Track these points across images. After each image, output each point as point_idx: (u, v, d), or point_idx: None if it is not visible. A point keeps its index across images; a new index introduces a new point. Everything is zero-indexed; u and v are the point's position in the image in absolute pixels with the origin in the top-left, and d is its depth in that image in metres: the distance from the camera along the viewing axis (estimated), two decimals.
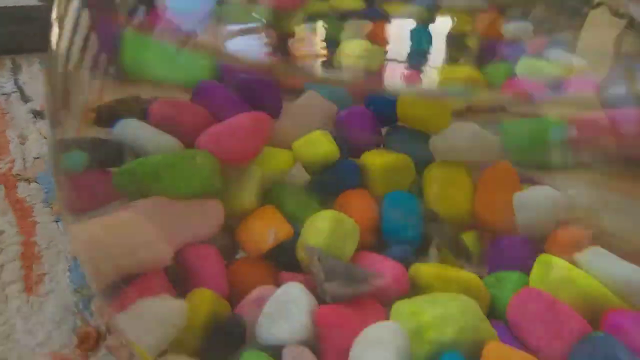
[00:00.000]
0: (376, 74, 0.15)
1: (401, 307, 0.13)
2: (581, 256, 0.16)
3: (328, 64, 0.14)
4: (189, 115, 0.15)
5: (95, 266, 0.13)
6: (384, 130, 0.19)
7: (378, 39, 0.15)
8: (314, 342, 0.12)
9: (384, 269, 0.13)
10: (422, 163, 0.18)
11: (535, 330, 0.13)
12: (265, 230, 0.13)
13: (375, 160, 0.16)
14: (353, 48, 0.14)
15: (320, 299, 0.12)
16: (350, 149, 0.18)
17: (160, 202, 0.13)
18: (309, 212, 0.14)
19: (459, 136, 0.17)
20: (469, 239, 0.17)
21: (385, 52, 0.14)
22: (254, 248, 0.13)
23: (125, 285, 0.12)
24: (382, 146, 0.19)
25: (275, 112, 0.17)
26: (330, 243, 0.13)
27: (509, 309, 0.14)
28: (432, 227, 0.17)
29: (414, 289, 0.14)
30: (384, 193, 0.16)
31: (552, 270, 0.15)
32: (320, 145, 0.16)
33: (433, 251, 0.17)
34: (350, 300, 0.12)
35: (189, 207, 0.13)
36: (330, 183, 0.16)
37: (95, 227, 0.13)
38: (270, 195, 0.15)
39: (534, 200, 0.17)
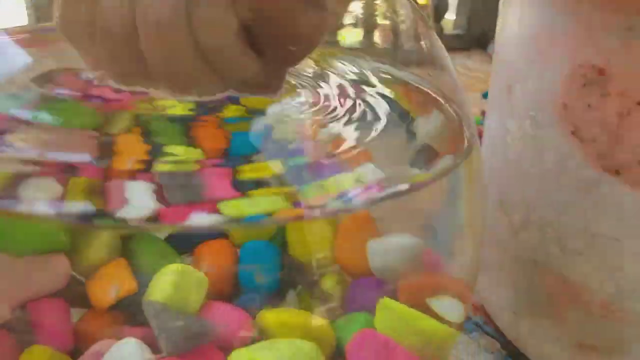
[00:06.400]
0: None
1: (239, 354, 0.13)
2: (434, 300, 0.18)
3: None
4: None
5: None
6: None
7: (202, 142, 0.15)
8: None
9: (228, 318, 0.14)
10: None
11: None
12: (109, 285, 0.14)
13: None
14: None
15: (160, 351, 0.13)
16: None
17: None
18: (163, 265, 0.15)
19: None
20: (329, 283, 0.18)
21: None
22: (98, 302, 0.14)
23: None
24: None
25: None
26: (173, 296, 0.14)
27: (348, 349, 0.15)
28: (292, 273, 0.18)
29: (262, 335, 0.15)
30: (243, 243, 0.17)
31: (390, 313, 0.16)
32: None
33: (292, 297, 0.18)
34: (189, 351, 0.13)
35: (32, 264, 0.13)
36: (191, 234, 0.17)
37: None
38: (129, 246, 0.16)
39: (385, 247, 0.19)
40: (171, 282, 0.14)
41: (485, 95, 0.52)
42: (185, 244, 0.17)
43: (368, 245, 0.18)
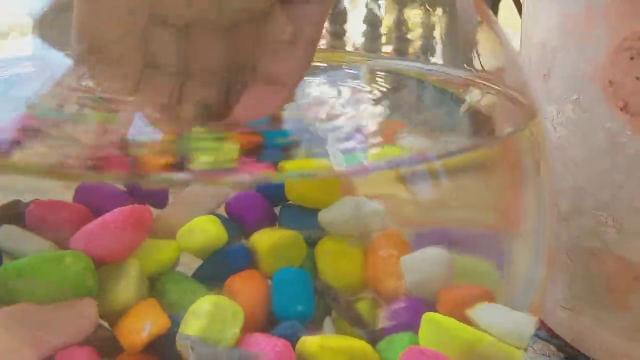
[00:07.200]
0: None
1: None
2: (473, 312, 0.17)
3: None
4: (66, 215, 0.15)
5: None
6: (278, 210, 0.20)
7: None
8: None
9: (266, 348, 0.13)
10: (316, 238, 0.18)
11: None
12: (140, 325, 0.13)
13: (263, 239, 0.17)
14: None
15: None
16: (243, 231, 0.18)
17: (25, 308, 0.12)
18: (193, 300, 0.14)
19: (344, 208, 0.18)
20: (364, 306, 0.18)
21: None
22: (130, 343, 0.13)
23: None
24: (277, 225, 0.19)
25: (160, 203, 0.17)
26: (209, 329, 0.13)
27: None
28: (326, 299, 0.17)
29: None
30: (274, 271, 0.17)
31: (435, 326, 0.15)
32: (204, 230, 0.16)
33: (329, 323, 0.17)
34: None
35: (59, 310, 0.13)
36: (219, 267, 0.16)
37: None
38: (156, 286, 0.15)
39: (419, 262, 0.18)
40: (206, 313, 0.13)
41: None
42: (214, 279, 0.16)
43: (401, 261, 0.18)
